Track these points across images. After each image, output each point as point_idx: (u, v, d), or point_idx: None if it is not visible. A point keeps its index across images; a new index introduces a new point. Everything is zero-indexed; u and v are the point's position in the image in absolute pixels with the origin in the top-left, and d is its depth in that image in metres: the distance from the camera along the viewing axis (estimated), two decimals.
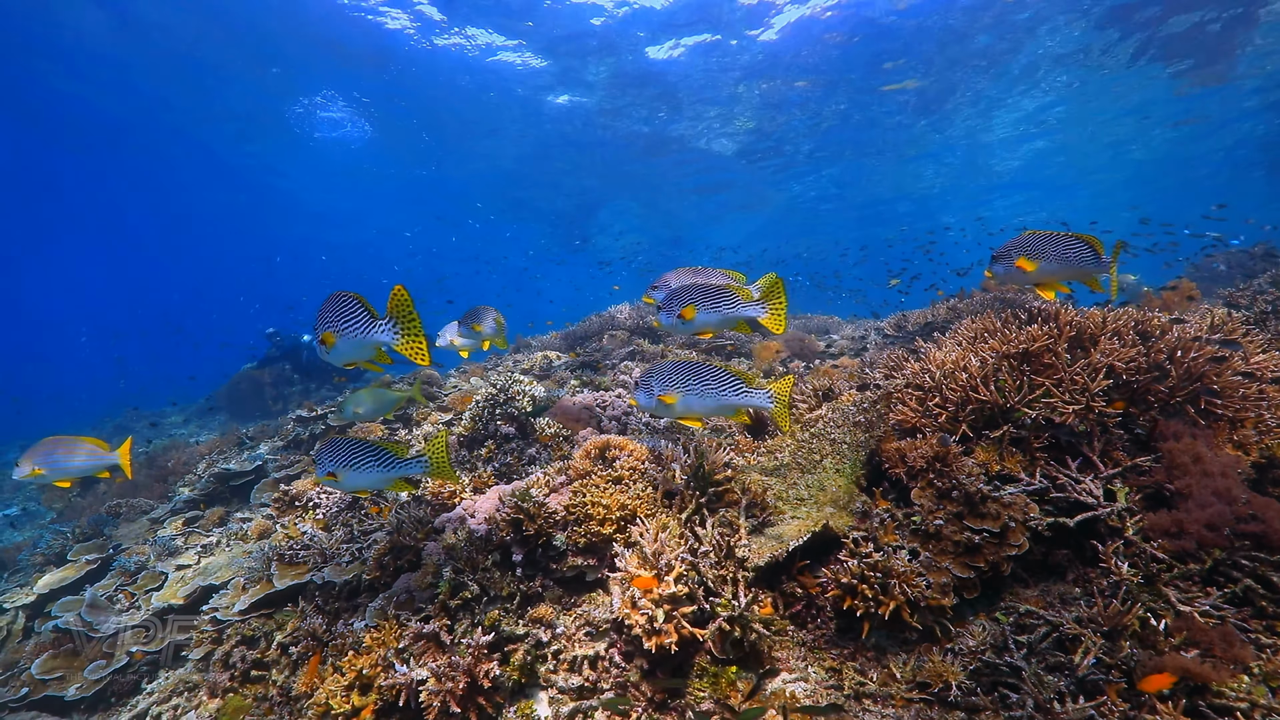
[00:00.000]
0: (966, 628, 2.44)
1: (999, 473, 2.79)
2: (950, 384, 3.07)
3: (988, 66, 13.61)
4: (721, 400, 2.73)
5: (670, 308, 2.86)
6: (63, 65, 13.52)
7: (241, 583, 4.03)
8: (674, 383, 2.73)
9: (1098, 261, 2.94)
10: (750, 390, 2.72)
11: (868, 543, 2.61)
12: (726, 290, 2.84)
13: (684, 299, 2.83)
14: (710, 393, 2.72)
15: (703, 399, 2.73)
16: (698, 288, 2.85)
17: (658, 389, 2.76)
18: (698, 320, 2.85)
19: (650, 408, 2.82)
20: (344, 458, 2.62)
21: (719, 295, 2.84)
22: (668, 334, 3.01)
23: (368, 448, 2.65)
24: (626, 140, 16.80)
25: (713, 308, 2.84)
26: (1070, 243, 2.93)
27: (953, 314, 6.45)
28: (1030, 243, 2.97)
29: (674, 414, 2.80)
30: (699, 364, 2.74)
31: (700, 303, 2.82)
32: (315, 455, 2.93)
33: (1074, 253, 2.92)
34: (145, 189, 24.06)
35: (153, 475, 7.48)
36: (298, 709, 2.83)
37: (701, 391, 2.73)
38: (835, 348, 8.03)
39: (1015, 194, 25.13)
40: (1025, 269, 2.98)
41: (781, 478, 3.22)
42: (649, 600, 2.29)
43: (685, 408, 2.76)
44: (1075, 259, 2.92)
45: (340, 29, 12.19)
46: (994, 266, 3.10)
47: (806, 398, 4.35)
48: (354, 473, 2.62)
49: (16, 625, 4.94)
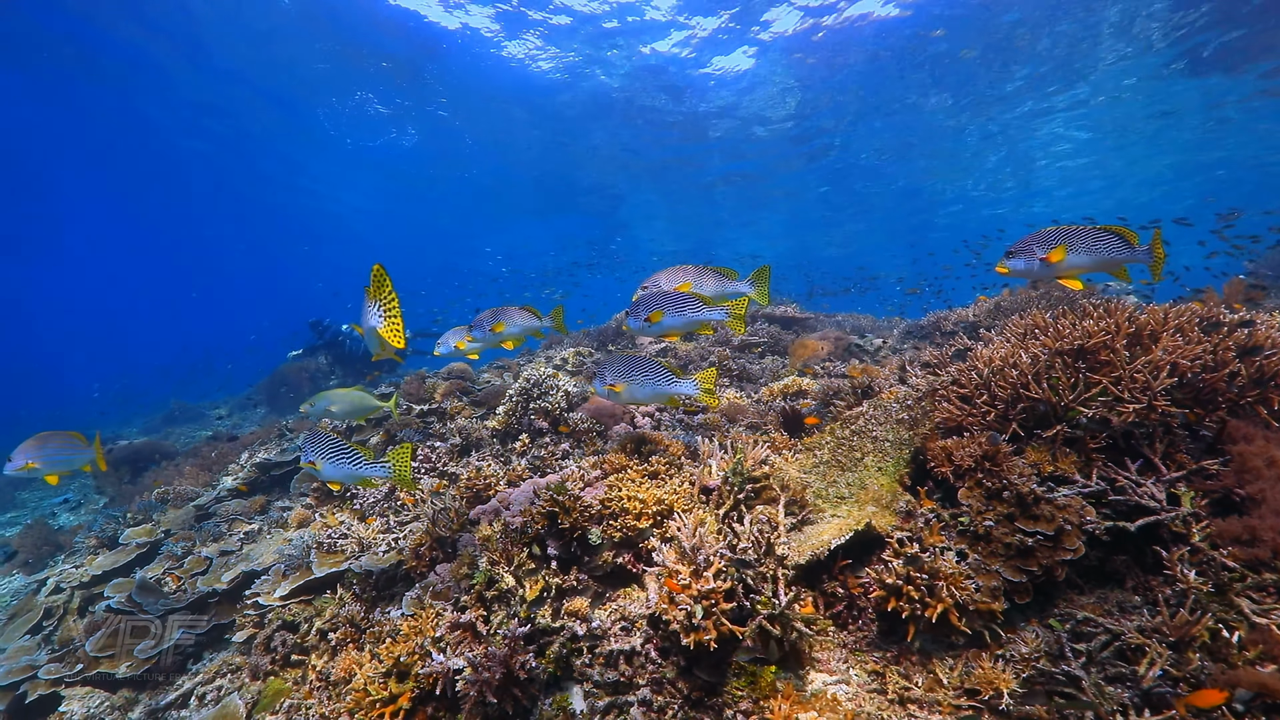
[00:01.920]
0: (1018, 634, 2.34)
1: (1052, 474, 2.67)
2: (999, 381, 2.96)
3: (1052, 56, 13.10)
4: (657, 389, 3.16)
5: (637, 313, 3.18)
6: (105, 67, 13.97)
7: (282, 569, 4.12)
8: (621, 374, 3.15)
9: (1130, 250, 2.85)
10: (679, 380, 3.17)
11: (912, 543, 2.53)
12: (690, 297, 3.18)
13: (650, 305, 3.16)
14: (649, 383, 3.15)
15: (643, 388, 3.17)
16: (663, 294, 3.18)
17: (609, 379, 3.18)
18: (664, 324, 3.21)
19: (602, 394, 3.27)
20: (324, 451, 2.94)
21: (682, 301, 3.17)
22: (635, 337, 3.47)
23: (343, 446, 2.96)
24: (658, 128, 16.52)
25: (677, 312, 3.19)
26: (1099, 235, 2.85)
27: (996, 312, 6.25)
28: (1053, 237, 2.90)
29: (621, 400, 3.21)
30: (642, 359, 3.16)
31: (666, 308, 3.16)
32: (301, 444, 3.16)
33: (1103, 244, 2.84)
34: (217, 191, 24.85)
35: (198, 465, 7.72)
36: (336, 693, 2.87)
37: (642, 382, 3.16)
38: (871, 346, 7.87)
39: (1062, 190, 24.28)
40: (1052, 261, 2.89)
41: (821, 475, 3.15)
42: (688, 596, 2.25)
43: (630, 395, 3.18)
44: (1105, 249, 2.85)
45: (379, 27, 12.39)
46: (1010, 261, 3.03)
47: (845, 395, 4.26)
48: (330, 465, 2.94)
49: (73, 604, 5.15)
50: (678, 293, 3.20)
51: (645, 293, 3.33)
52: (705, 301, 3.20)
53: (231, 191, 24.48)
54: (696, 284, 3.39)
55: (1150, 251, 2.87)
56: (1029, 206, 26.38)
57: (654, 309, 3.17)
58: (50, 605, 5.22)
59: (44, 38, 12.80)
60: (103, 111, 16.30)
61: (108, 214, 29.43)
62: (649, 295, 3.22)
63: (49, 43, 12.98)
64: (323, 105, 16.13)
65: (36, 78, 14.47)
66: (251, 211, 28.54)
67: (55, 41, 12.91)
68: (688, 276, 3.41)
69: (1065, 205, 26.41)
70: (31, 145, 18.72)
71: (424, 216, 28.72)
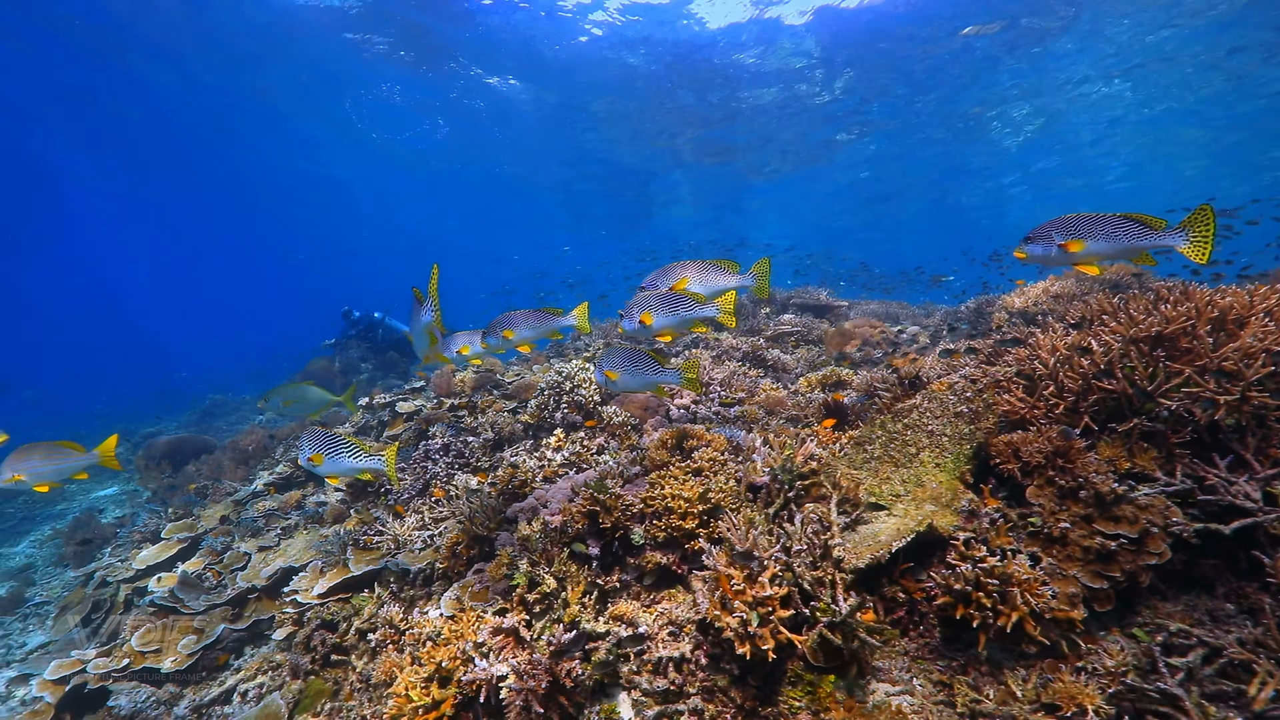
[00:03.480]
0: (1099, 644, 2.17)
1: (1129, 470, 2.49)
2: (1068, 371, 2.77)
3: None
4: (647, 377, 3.36)
5: (631, 315, 3.35)
6: (135, 56, 14.12)
7: (319, 566, 4.11)
8: (616, 364, 3.39)
9: (1155, 235, 2.68)
10: (664, 370, 3.34)
11: (979, 545, 2.37)
12: (682, 296, 3.31)
13: (643, 307, 3.32)
14: (639, 372, 3.35)
15: (634, 376, 3.37)
16: (655, 296, 3.33)
17: (605, 368, 3.42)
18: (656, 324, 3.36)
19: (601, 382, 3.48)
20: (325, 445, 3.08)
21: (675, 301, 3.31)
22: (631, 338, 3.54)
23: (343, 441, 3.09)
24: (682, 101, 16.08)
25: (670, 312, 3.34)
26: (1118, 222, 2.72)
27: (1045, 297, 5.96)
28: (1073, 223, 2.79)
29: (617, 387, 3.44)
30: (633, 350, 3.37)
31: (657, 310, 3.32)
32: (299, 442, 3.24)
33: (1123, 230, 2.70)
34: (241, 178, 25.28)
35: (235, 459, 7.83)
36: (377, 696, 2.83)
37: (633, 371, 3.37)
38: (909, 334, 7.62)
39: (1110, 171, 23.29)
40: (1071, 249, 2.79)
41: (873, 471, 2.99)
42: (742, 603, 2.14)
43: (624, 384, 3.39)
44: (1125, 236, 2.70)
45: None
46: (1029, 246, 2.91)
47: (890, 386, 4.08)
48: (330, 460, 3.08)
49: (119, 598, 5.25)
50: (671, 293, 3.35)
51: (639, 295, 3.47)
52: (698, 300, 3.34)
53: (258, 184, 24.83)
54: (691, 282, 3.48)
55: (1186, 233, 2.64)
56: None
57: (645, 310, 3.36)
58: (98, 598, 5.33)
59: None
60: (122, 103, 16.56)
61: (130, 209, 30.20)
62: (642, 297, 3.37)
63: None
64: (350, 95, 16.16)
65: (68, 79, 14.77)
66: (286, 205, 28.94)
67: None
68: (685, 273, 3.49)
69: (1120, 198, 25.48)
70: (57, 142, 19.20)
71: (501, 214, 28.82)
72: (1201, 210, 2.60)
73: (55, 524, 8.68)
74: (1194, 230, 2.60)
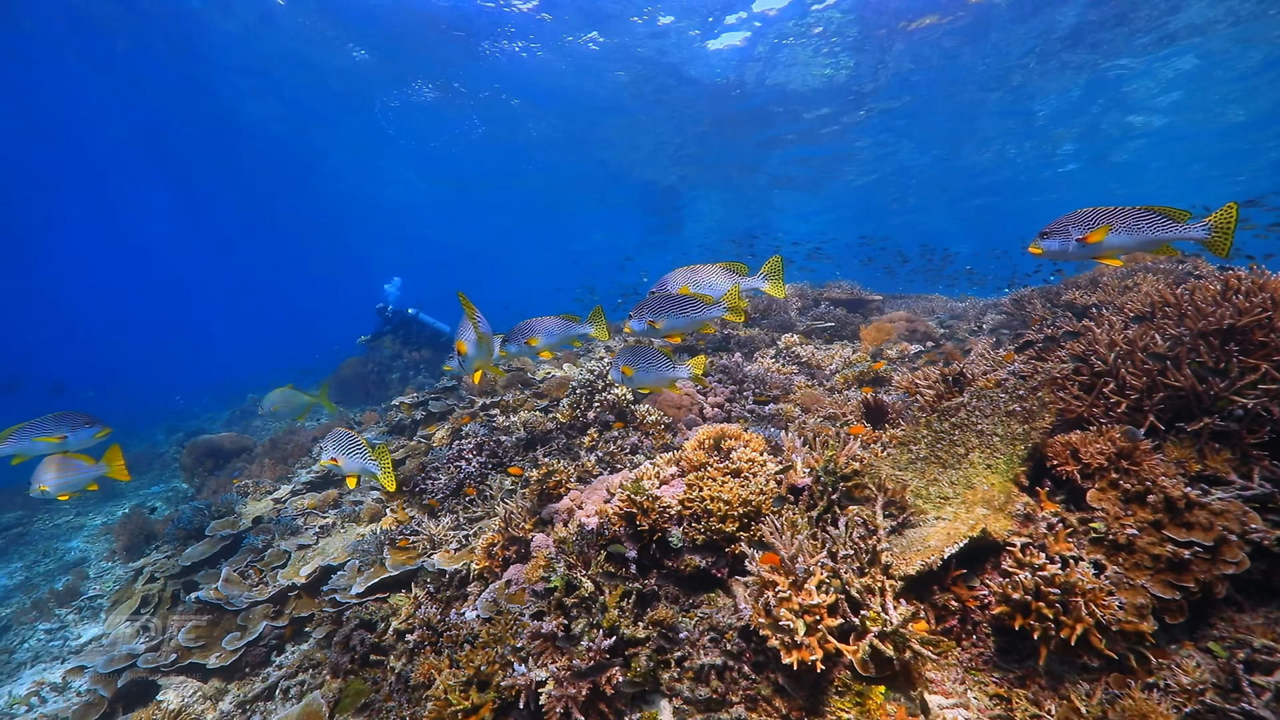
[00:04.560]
0: (1171, 659, 2.04)
1: (1200, 474, 2.34)
2: (1131, 368, 2.62)
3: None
4: (660, 374, 3.54)
5: (641, 316, 3.47)
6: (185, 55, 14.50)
7: (357, 565, 4.15)
8: (631, 361, 3.56)
9: (1178, 227, 2.66)
10: (676, 366, 3.52)
11: (1037, 551, 2.25)
12: (690, 299, 3.45)
13: (653, 310, 3.46)
14: (653, 369, 3.53)
15: (647, 373, 3.54)
16: (665, 298, 3.47)
17: (621, 364, 3.58)
18: (665, 326, 3.49)
19: (617, 378, 3.65)
20: (346, 447, 3.38)
21: (684, 303, 3.45)
22: (639, 338, 3.60)
23: (358, 443, 3.38)
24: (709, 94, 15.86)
25: (680, 314, 3.47)
26: (1139, 214, 2.70)
27: (1092, 288, 5.71)
28: (1090, 217, 2.79)
29: (631, 383, 3.60)
30: (647, 348, 3.54)
31: (665, 312, 3.47)
32: (322, 443, 3.41)
33: (1146, 223, 2.69)
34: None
35: (275, 458, 8.00)
36: (416, 697, 2.83)
37: (647, 368, 3.54)
38: (946, 328, 7.39)
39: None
40: (1090, 241, 2.76)
41: (919, 472, 2.88)
42: (788, 610, 2.06)
43: (638, 380, 3.56)
44: (1148, 228, 2.69)
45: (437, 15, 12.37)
46: (1045, 241, 2.90)
47: (933, 383, 3.94)
48: (348, 459, 3.37)
49: (166, 593, 5.40)
50: (678, 295, 3.48)
51: (674, 286, 3.61)
52: (705, 301, 3.47)
53: (302, 181, 25.37)
54: (705, 285, 3.59)
55: (1209, 226, 2.61)
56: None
57: (656, 313, 3.49)
58: (147, 594, 5.49)
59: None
60: (175, 98, 17.05)
61: (188, 209, 31.17)
62: (652, 299, 3.51)
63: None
64: (380, 97, 16.40)
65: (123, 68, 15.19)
66: (329, 205, 29.52)
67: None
68: (696, 277, 3.60)
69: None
70: (117, 140, 19.88)
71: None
72: (1226, 208, 2.61)
73: (107, 519, 9.00)
74: (1217, 224, 2.61)
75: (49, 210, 31.02)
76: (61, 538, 8.69)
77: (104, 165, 22.31)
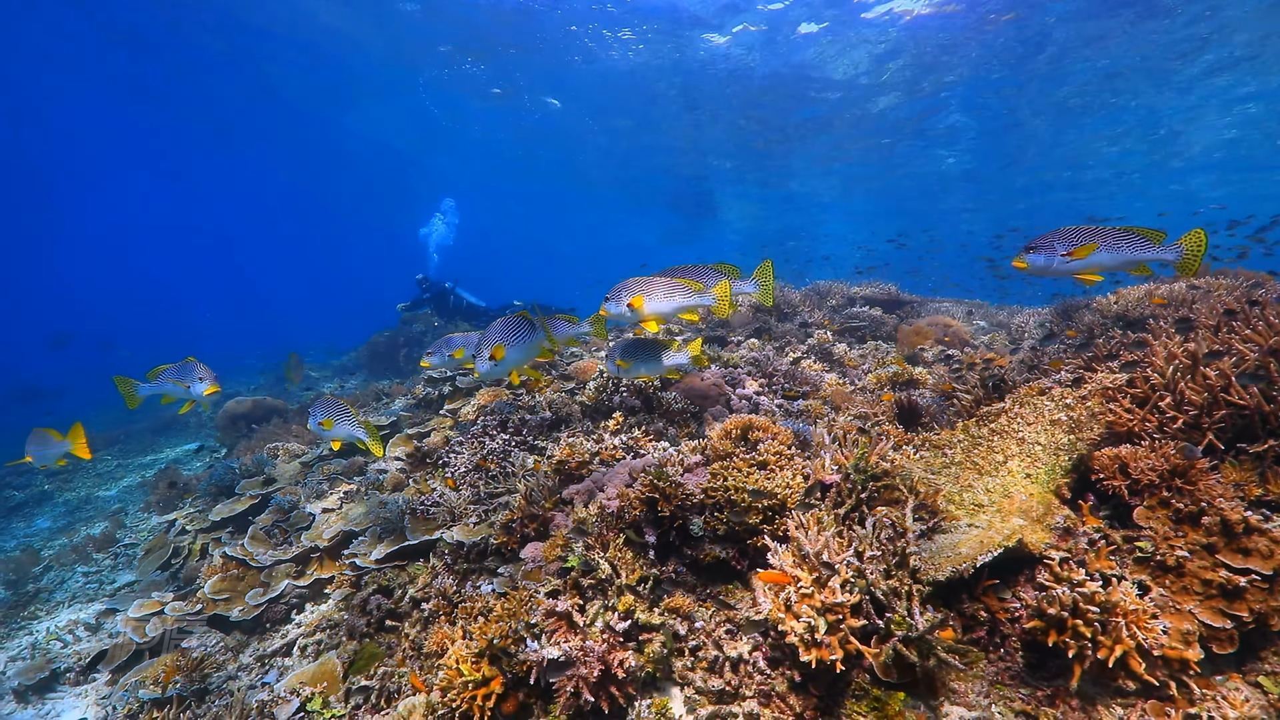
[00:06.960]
0: (1215, 690, 1.92)
1: (1261, 498, 2.20)
2: (1191, 383, 2.47)
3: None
4: (657, 364, 3.60)
5: (619, 298, 3.37)
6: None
7: (378, 532, 4.21)
8: (628, 352, 3.60)
9: (1155, 248, 2.79)
10: (675, 354, 3.62)
11: (1076, 567, 2.14)
12: (679, 284, 3.38)
13: (632, 291, 3.36)
14: (650, 359, 3.58)
15: (644, 363, 3.58)
16: (646, 280, 3.39)
17: (618, 356, 3.64)
18: (647, 309, 3.40)
19: (613, 370, 3.72)
20: (334, 413, 3.58)
21: (671, 288, 3.38)
22: (618, 320, 3.54)
23: (346, 409, 3.57)
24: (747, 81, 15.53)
25: (665, 298, 3.39)
26: (1120, 234, 2.82)
27: (1147, 300, 5.44)
28: (1074, 234, 2.86)
29: (628, 374, 3.65)
30: (644, 339, 3.62)
31: (649, 295, 3.37)
32: (310, 410, 3.68)
33: (1126, 242, 2.81)
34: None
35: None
36: (428, 665, 2.85)
37: (644, 358, 3.58)
38: (987, 335, 7.17)
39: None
40: (1075, 257, 2.84)
41: (953, 477, 2.78)
42: (809, 607, 2.00)
43: (635, 370, 3.62)
44: (1128, 248, 2.81)
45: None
46: (1030, 256, 2.93)
47: (971, 388, 3.80)
48: (338, 425, 3.56)
49: (195, 545, 5.56)
50: (666, 280, 3.40)
51: (627, 280, 3.58)
52: (694, 287, 3.43)
53: (364, 163, 25.75)
54: (660, 296, 3.50)
55: (1180, 249, 2.76)
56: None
57: (636, 294, 3.41)
58: (178, 545, 5.67)
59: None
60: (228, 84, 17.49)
61: (242, 180, 32.02)
62: (632, 280, 3.45)
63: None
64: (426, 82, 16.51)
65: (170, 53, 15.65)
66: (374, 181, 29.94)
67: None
68: (688, 275, 3.52)
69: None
70: (162, 119, 20.52)
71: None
72: (1195, 232, 2.75)
73: (144, 473, 9.34)
74: (1186, 247, 2.76)
75: (121, 174, 32.02)
76: (103, 486, 9.06)
77: (162, 129, 22.96)
